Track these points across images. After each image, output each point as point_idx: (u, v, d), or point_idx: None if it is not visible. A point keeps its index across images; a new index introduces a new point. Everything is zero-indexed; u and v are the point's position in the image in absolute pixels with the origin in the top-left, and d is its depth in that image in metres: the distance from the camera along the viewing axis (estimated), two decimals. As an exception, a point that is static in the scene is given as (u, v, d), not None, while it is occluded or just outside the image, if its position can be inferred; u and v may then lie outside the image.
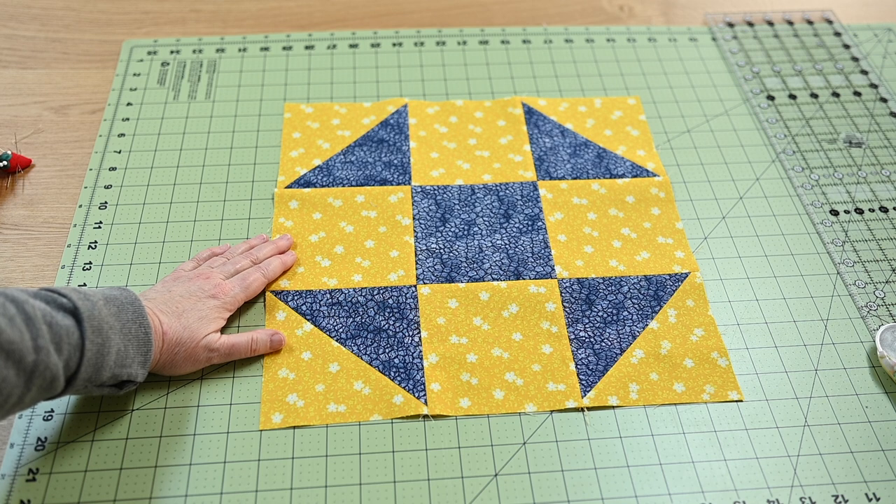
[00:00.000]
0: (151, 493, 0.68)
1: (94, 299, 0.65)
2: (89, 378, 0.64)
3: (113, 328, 0.65)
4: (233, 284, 0.78)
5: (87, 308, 0.63)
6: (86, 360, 0.62)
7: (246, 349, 0.75)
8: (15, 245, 0.86)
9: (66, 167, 0.93)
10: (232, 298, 0.77)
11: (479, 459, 0.71)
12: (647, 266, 0.86)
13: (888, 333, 0.80)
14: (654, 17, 1.17)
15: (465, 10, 1.16)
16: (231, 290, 0.77)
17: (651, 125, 1.01)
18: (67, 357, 0.61)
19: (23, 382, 0.59)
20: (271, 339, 0.76)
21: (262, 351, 0.76)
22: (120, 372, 0.66)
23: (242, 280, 0.79)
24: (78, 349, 0.62)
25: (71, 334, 0.62)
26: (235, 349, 0.75)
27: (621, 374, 0.77)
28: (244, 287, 0.78)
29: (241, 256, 0.82)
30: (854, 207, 0.93)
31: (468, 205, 0.90)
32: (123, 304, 0.67)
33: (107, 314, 0.65)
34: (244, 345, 0.75)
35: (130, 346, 0.66)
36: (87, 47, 1.08)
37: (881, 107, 1.05)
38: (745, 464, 0.72)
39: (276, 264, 0.82)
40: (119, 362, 0.65)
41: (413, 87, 1.04)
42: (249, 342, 0.76)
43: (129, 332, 0.66)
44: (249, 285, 0.79)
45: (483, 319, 0.81)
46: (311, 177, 0.92)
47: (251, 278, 0.79)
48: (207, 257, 0.82)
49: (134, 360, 0.67)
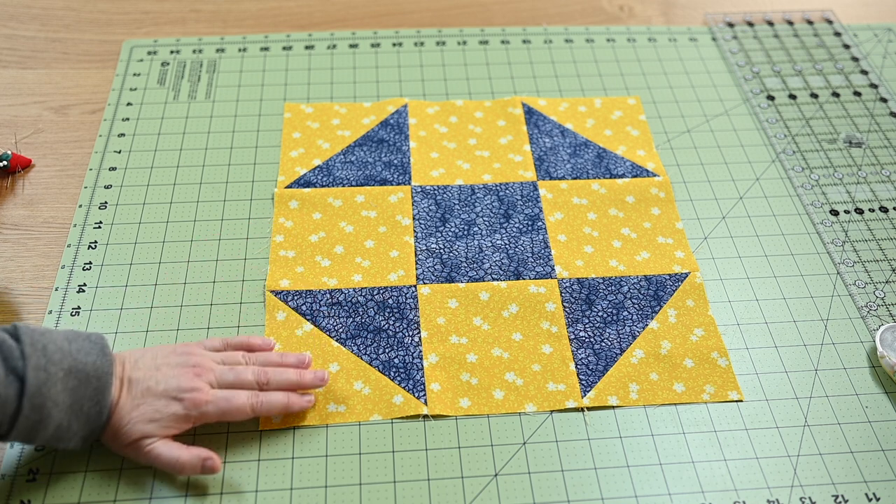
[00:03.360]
0: (151, 494, 0.68)
1: (52, 370, 0.61)
2: (20, 440, 0.63)
3: (58, 405, 0.62)
4: (211, 399, 0.68)
5: (36, 383, 0.61)
6: (16, 431, 0.62)
7: (169, 467, 0.66)
8: (15, 245, 0.86)
9: (66, 167, 0.93)
10: (199, 414, 0.67)
11: (479, 459, 0.71)
12: (647, 266, 0.86)
13: (888, 333, 0.80)
14: (654, 17, 1.17)
15: (465, 10, 1.16)
16: (204, 404, 0.67)
17: (651, 125, 1.01)
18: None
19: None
20: (203, 464, 0.66)
21: (190, 474, 0.67)
22: (56, 444, 0.64)
23: (226, 401, 0.68)
24: (10, 419, 0.61)
25: (7, 404, 0.60)
26: (160, 462, 0.66)
27: (621, 374, 0.77)
28: (221, 409, 0.68)
29: (254, 370, 0.71)
30: (854, 207, 0.93)
31: (468, 205, 0.90)
32: (88, 378, 0.63)
33: (59, 390, 0.62)
34: (168, 462, 0.66)
35: (75, 422, 0.63)
36: (87, 47, 1.08)
37: (881, 107, 1.05)
38: (745, 464, 0.72)
39: (277, 402, 0.70)
40: (56, 436, 0.63)
41: (413, 87, 1.04)
42: (175, 463, 0.66)
43: (79, 409, 0.63)
44: (229, 411, 0.68)
45: (483, 319, 0.81)
46: (311, 177, 0.92)
47: (236, 403, 0.68)
48: (237, 346, 0.74)
49: (76, 434, 0.64)
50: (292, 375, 0.72)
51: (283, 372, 0.71)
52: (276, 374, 0.71)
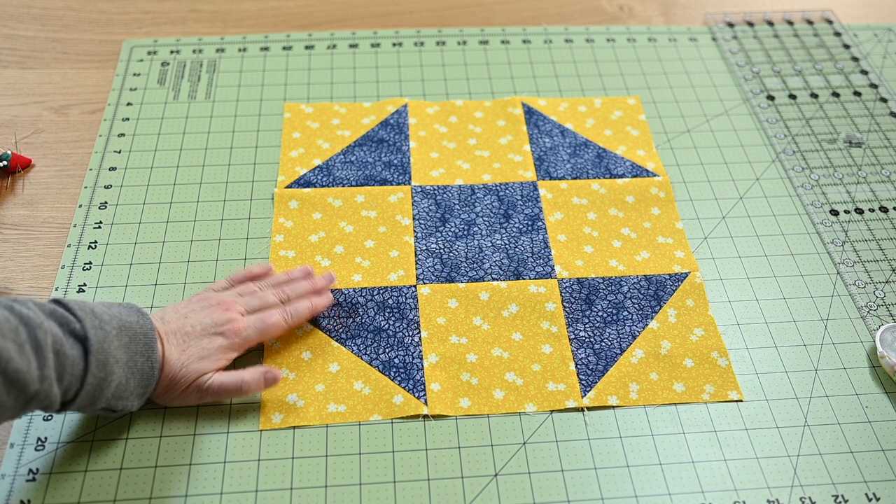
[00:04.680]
0: (151, 493, 0.68)
1: (107, 328, 0.64)
2: (83, 406, 0.64)
3: (119, 361, 0.64)
4: (248, 324, 0.73)
5: (97, 339, 0.63)
6: (84, 392, 0.62)
7: (236, 391, 0.71)
8: (15, 245, 0.86)
9: (66, 167, 0.93)
10: (243, 340, 0.73)
11: (479, 459, 0.71)
12: (647, 266, 0.86)
13: (888, 333, 0.80)
14: (654, 17, 1.17)
15: (465, 10, 1.16)
16: (244, 330, 0.73)
17: (651, 125, 1.01)
18: (67, 386, 0.61)
19: (19, 406, 0.59)
20: (265, 378, 0.71)
21: (255, 391, 0.72)
22: (115, 403, 0.66)
23: (261, 321, 0.74)
24: (79, 380, 0.62)
25: (75, 365, 0.61)
26: (224, 390, 0.70)
27: (621, 374, 0.77)
28: (260, 330, 0.74)
29: (272, 291, 0.77)
30: (854, 207, 0.93)
31: (468, 205, 0.90)
32: (136, 335, 0.66)
33: (116, 346, 0.64)
34: (233, 386, 0.71)
35: (132, 379, 0.66)
36: (87, 47, 1.08)
37: (881, 107, 1.05)
38: (745, 464, 0.72)
39: (305, 309, 0.77)
40: (117, 395, 0.65)
41: (413, 87, 1.04)
42: (240, 384, 0.71)
43: (134, 366, 0.66)
44: (266, 329, 0.74)
45: (483, 319, 0.81)
46: (310, 177, 0.92)
47: (271, 321, 0.74)
48: (241, 279, 0.78)
49: (133, 393, 0.66)
50: (306, 285, 0.78)
51: (297, 286, 0.78)
52: (291, 289, 0.78)
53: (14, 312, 0.59)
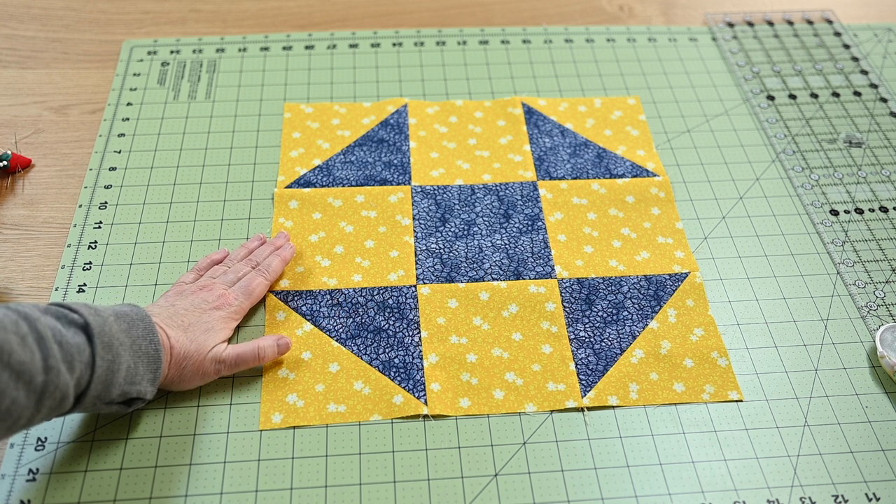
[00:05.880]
0: (151, 493, 0.68)
1: (104, 315, 0.65)
2: (99, 395, 0.64)
3: (123, 345, 0.65)
4: (236, 294, 0.77)
5: (97, 324, 0.63)
6: (96, 378, 0.62)
7: (253, 358, 0.74)
8: (15, 245, 0.86)
9: (66, 167, 0.93)
10: (237, 308, 0.76)
11: (479, 459, 0.71)
12: (646, 266, 0.86)
13: (888, 333, 0.80)
14: (654, 17, 1.17)
15: (465, 10, 1.16)
16: (235, 299, 0.77)
17: (651, 125, 1.01)
18: (79, 375, 0.61)
19: (33, 404, 0.59)
20: (278, 345, 0.75)
21: (270, 358, 0.75)
22: (129, 389, 0.66)
23: (245, 287, 0.78)
24: (89, 367, 0.62)
25: (82, 351, 0.62)
26: (242, 359, 0.73)
27: (621, 374, 0.77)
28: (247, 294, 0.78)
29: (242, 263, 0.81)
30: (854, 207, 0.93)
31: (468, 205, 0.90)
32: (133, 321, 0.67)
33: (117, 330, 0.65)
34: (251, 353, 0.74)
35: (140, 362, 0.66)
36: (87, 47, 1.08)
37: (881, 107, 1.05)
38: (745, 464, 0.72)
39: (277, 263, 0.81)
40: (129, 379, 0.65)
41: (413, 87, 1.04)
42: (256, 350, 0.74)
43: (139, 349, 0.66)
44: (252, 291, 0.78)
45: (483, 319, 0.81)
46: (311, 177, 0.92)
47: (254, 283, 0.79)
48: (207, 266, 0.81)
49: (143, 377, 0.67)
50: (267, 248, 0.83)
51: (259, 251, 0.82)
52: (256, 255, 0.82)
53: (12, 309, 0.60)
